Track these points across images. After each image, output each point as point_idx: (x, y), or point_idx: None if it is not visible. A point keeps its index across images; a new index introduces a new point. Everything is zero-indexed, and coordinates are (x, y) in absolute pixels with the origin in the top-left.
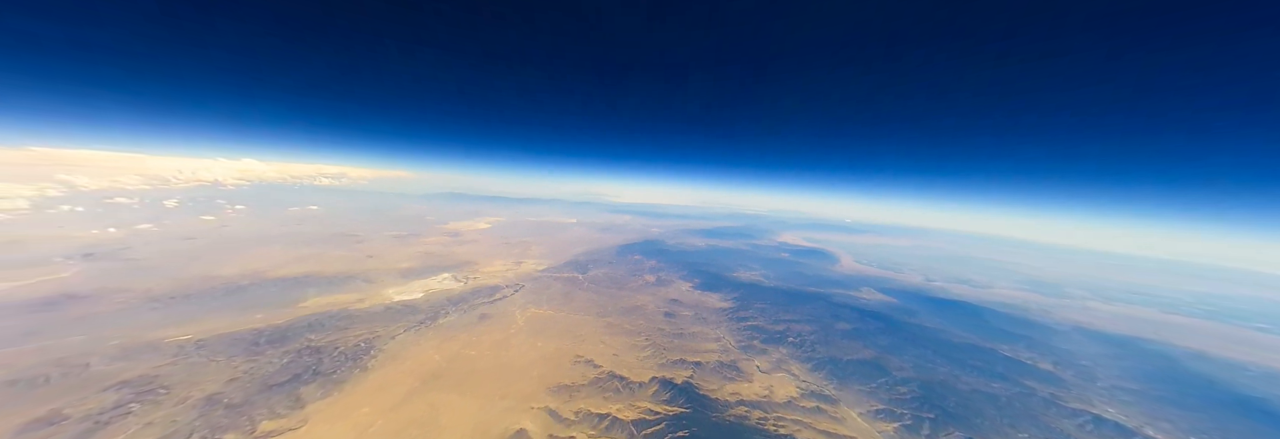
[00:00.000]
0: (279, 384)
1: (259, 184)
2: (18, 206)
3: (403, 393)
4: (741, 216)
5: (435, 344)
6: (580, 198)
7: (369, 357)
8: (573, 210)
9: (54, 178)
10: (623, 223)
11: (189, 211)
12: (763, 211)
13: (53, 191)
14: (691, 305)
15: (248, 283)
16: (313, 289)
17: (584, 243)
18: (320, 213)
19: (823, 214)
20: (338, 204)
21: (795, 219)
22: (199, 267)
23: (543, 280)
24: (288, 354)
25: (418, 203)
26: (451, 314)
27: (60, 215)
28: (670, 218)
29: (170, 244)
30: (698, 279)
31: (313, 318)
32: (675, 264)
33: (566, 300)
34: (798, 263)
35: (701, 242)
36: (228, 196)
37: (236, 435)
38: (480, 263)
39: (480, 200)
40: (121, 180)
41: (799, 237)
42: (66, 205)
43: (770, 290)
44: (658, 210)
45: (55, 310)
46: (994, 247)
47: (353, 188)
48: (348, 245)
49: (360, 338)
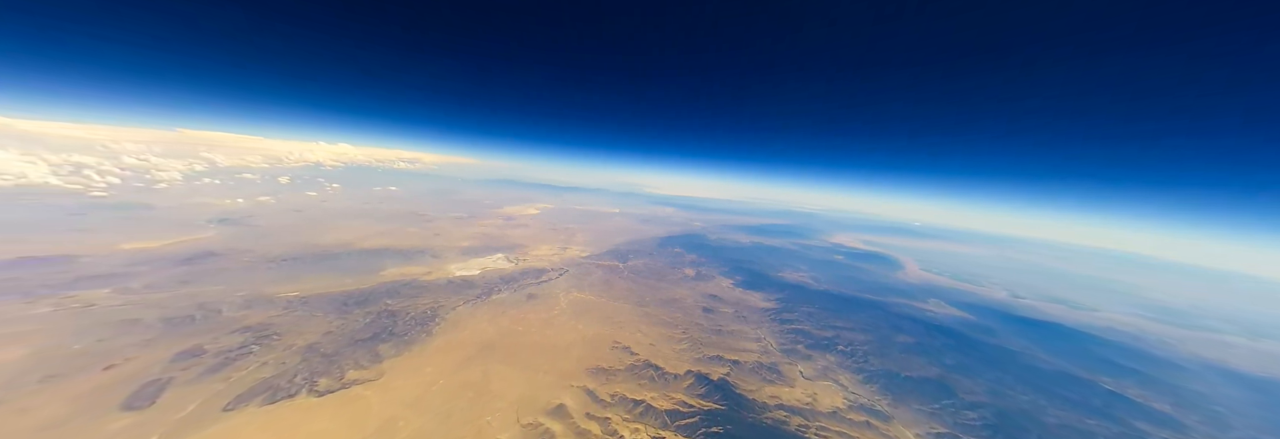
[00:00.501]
0: (362, 340)
1: (351, 165)
2: (173, 178)
3: (461, 358)
4: (792, 214)
5: (489, 318)
6: (624, 188)
7: (434, 323)
8: (616, 200)
9: (199, 156)
10: (664, 215)
11: (298, 187)
12: (816, 210)
13: (198, 167)
14: (732, 303)
15: (340, 251)
16: (390, 260)
17: (625, 233)
18: (398, 193)
19: (885, 215)
20: (412, 186)
21: (852, 219)
22: (304, 235)
23: (585, 266)
24: (370, 315)
25: (477, 187)
26: (503, 292)
27: (203, 187)
28: (714, 212)
29: (283, 215)
30: (740, 277)
31: (390, 285)
32: (716, 259)
33: (607, 287)
34: (853, 267)
35: (745, 238)
36: (326, 176)
37: (329, 380)
38: (529, 246)
39: (532, 187)
40: (248, 159)
41: (856, 239)
42: (208, 178)
43: (819, 294)
44: (701, 204)
45: (198, 264)
46: (1102, 262)
47: (425, 171)
48: (419, 223)
49: (427, 306)
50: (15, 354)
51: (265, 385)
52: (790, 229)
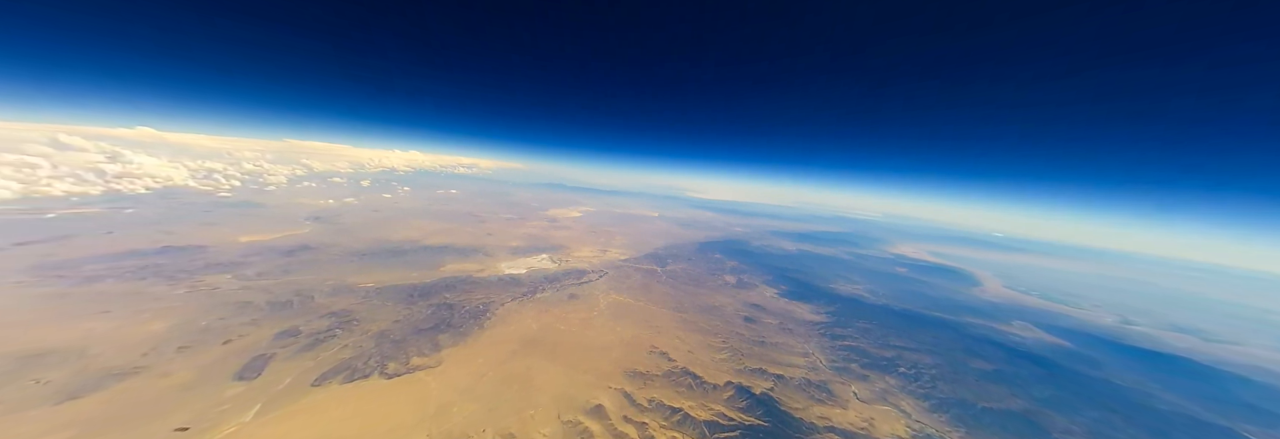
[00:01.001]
0: (425, 329)
1: (419, 170)
2: (280, 181)
3: (508, 352)
4: (844, 221)
5: (534, 315)
6: (664, 192)
7: (485, 317)
8: (656, 204)
9: (300, 162)
10: (705, 219)
11: (376, 190)
12: (873, 217)
13: (299, 172)
14: (776, 313)
15: (408, 247)
16: (449, 256)
17: (665, 236)
18: (457, 195)
19: (958, 223)
20: (469, 188)
21: (918, 228)
22: (380, 232)
23: (624, 269)
24: (431, 306)
25: (526, 190)
26: (547, 291)
27: (302, 189)
28: (756, 217)
29: (364, 214)
30: (784, 286)
31: (449, 280)
32: (759, 267)
33: (645, 291)
34: (918, 281)
35: (791, 245)
36: (399, 180)
37: (396, 365)
38: (571, 248)
39: (575, 190)
40: (338, 165)
41: (922, 249)
42: (306, 182)
43: (877, 308)
44: (742, 208)
45: (297, 256)
46: (1238, 285)
47: (480, 175)
48: (474, 223)
49: (480, 301)
50: (160, 327)
51: (345, 366)
52: (842, 237)
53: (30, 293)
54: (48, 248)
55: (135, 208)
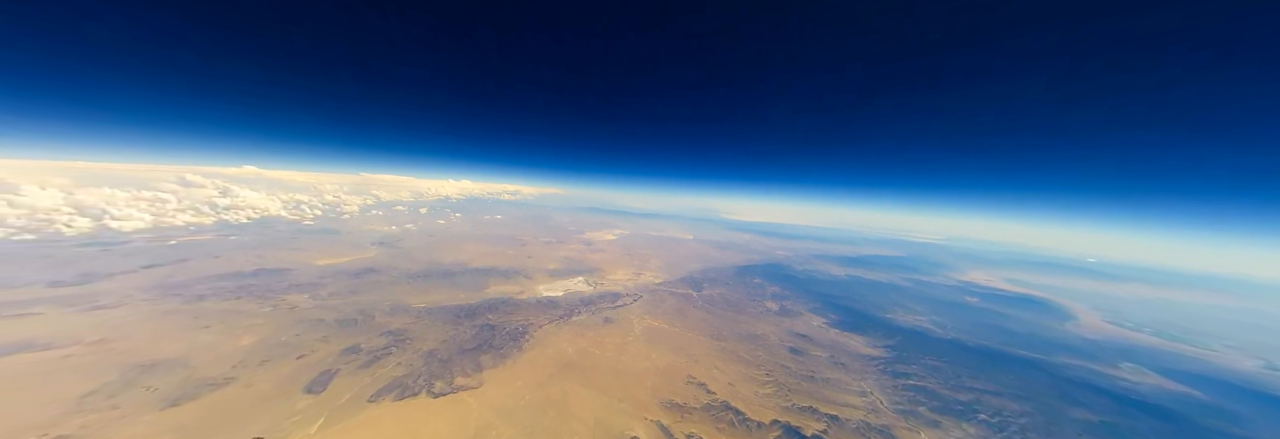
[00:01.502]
0: (469, 350)
1: (469, 197)
2: (353, 210)
3: (545, 375)
4: (899, 244)
5: (570, 338)
6: (699, 214)
7: (524, 339)
8: (690, 226)
9: (370, 193)
10: (742, 241)
11: (432, 216)
12: (932, 239)
13: (369, 201)
14: (826, 345)
15: (457, 270)
16: (493, 278)
17: (700, 259)
18: (502, 220)
19: (1039, 247)
20: (513, 213)
21: (989, 252)
22: (434, 255)
23: (659, 293)
24: (475, 327)
25: (564, 214)
26: (583, 314)
27: (371, 217)
28: (798, 239)
29: (421, 239)
30: (834, 315)
31: (492, 301)
32: (804, 293)
33: (681, 316)
34: (995, 312)
35: (839, 270)
36: (452, 206)
37: (442, 384)
38: (606, 270)
39: (611, 213)
40: (401, 194)
41: (996, 276)
42: (375, 210)
43: (947, 344)
44: (782, 230)
45: (364, 277)
46: None
47: (523, 201)
48: (515, 247)
49: (519, 323)
50: (248, 342)
51: (397, 383)
52: (898, 262)
53: (151, 309)
54: (168, 270)
55: (238, 235)
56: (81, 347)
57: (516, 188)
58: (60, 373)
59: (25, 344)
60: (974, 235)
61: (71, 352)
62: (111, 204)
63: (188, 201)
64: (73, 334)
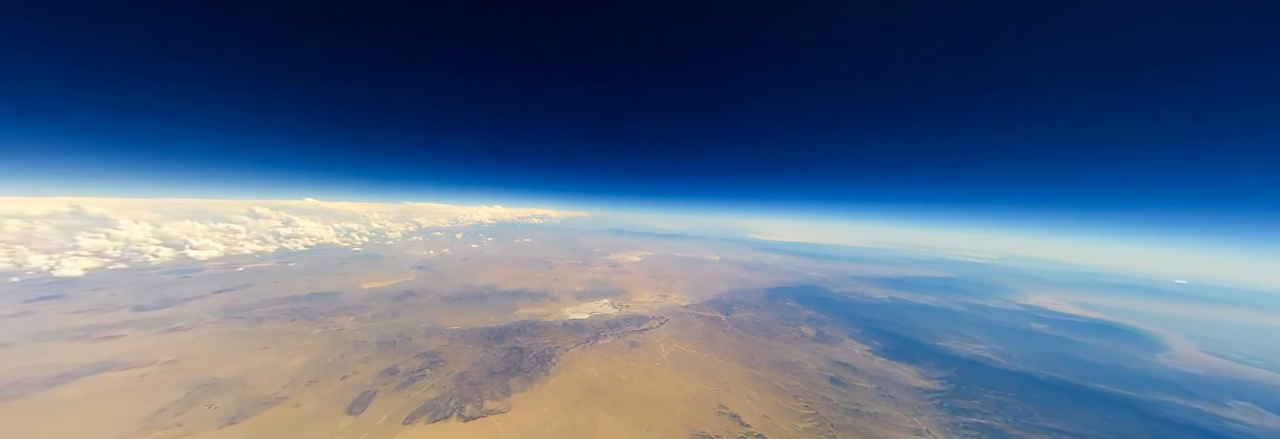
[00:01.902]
0: (497, 373)
1: (501, 222)
2: (396, 237)
3: (572, 400)
4: (949, 264)
5: (595, 362)
6: (724, 234)
7: (551, 363)
8: (716, 247)
9: (412, 220)
10: (772, 262)
11: (467, 241)
12: (986, 259)
13: (411, 228)
14: (871, 375)
15: (488, 292)
16: (521, 300)
17: (728, 281)
18: (531, 243)
19: (1115, 267)
20: (541, 236)
21: (1054, 272)
22: (467, 278)
23: (686, 316)
24: (504, 350)
25: (590, 236)
26: (608, 337)
27: (413, 242)
28: (833, 259)
29: (456, 262)
30: (879, 342)
31: (520, 324)
32: (842, 317)
33: (709, 341)
34: (1068, 341)
35: (881, 293)
36: (485, 231)
37: (472, 407)
38: (632, 292)
39: (635, 235)
40: (440, 220)
41: (1065, 300)
42: (416, 236)
43: (1013, 376)
44: (815, 250)
45: (404, 300)
46: None
47: (551, 224)
48: (543, 269)
49: (546, 346)
50: (298, 362)
51: (430, 405)
52: (949, 284)
53: (218, 331)
54: (234, 295)
55: (296, 261)
56: (156, 366)
57: (545, 211)
58: (137, 390)
59: (110, 363)
60: (1032, 254)
61: (148, 371)
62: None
63: (255, 232)
64: (150, 354)
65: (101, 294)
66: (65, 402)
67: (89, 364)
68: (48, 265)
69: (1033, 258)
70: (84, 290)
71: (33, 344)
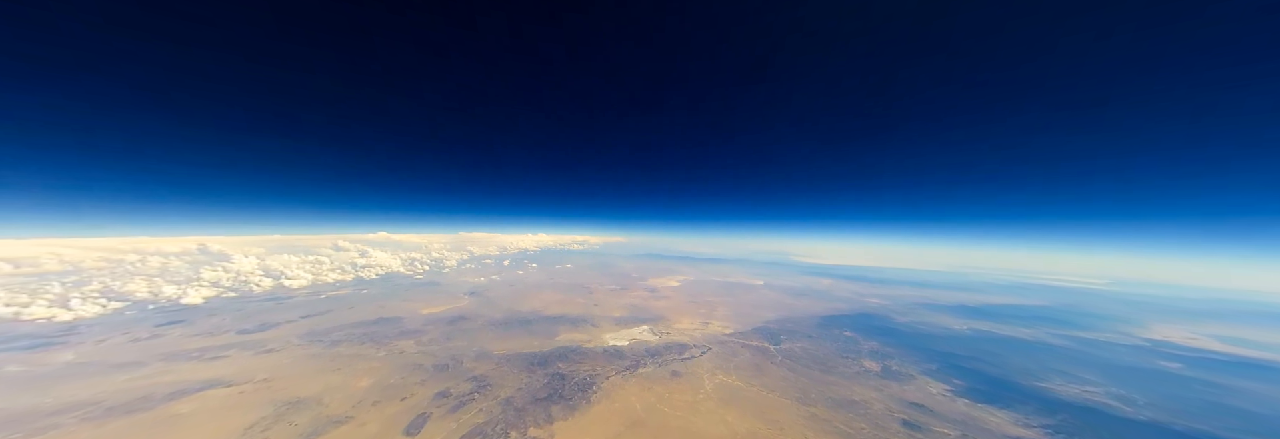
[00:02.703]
0: (541, 399)
1: (544, 249)
2: (452, 264)
3: (613, 432)
4: (1041, 290)
5: (637, 392)
6: (768, 257)
7: (592, 390)
8: (759, 271)
9: (466, 248)
10: (823, 287)
11: (513, 267)
12: (1092, 284)
13: (464, 256)
14: (954, 420)
15: (532, 317)
16: (562, 326)
17: (774, 308)
18: (571, 269)
19: (1267, 292)
20: (581, 262)
21: (1184, 299)
22: (513, 303)
23: (730, 345)
24: (546, 376)
25: (628, 261)
26: (649, 365)
27: (466, 269)
28: (894, 284)
29: (503, 288)
30: (961, 381)
31: (562, 350)
32: (913, 351)
33: (757, 373)
34: (1211, 384)
35: (958, 323)
36: (530, 257)
37: (517, 434)
38: (672, 319)
39: (673, 259)
40: (490, 249)
41: (1203, 332)
42: (469, 264)
43: (1143, 428)
44: (873, 274)
45: (457, 325)
46: None
47: (590, 250)
48: (583, 294)
49: (587, 372)
50: (366, 383)
51: (478, 430)
52: (1044, 313)
53: (302, 353)
54: (316, 320)
55: (369, 289)
56: (252, 384)
57: (584, 238)
58: (235, 406)
59: (216, 381)
60: (1150, 278)
61: (245, 388)
62: (287, 267)
63: (337, 262)
64: (248, 373)
65: (214, 319)
66: (179, 415)
67: (200, 381)
68: (176, 295)
69: (1153, 282)
70: (201, 316)
71: (159, 363)
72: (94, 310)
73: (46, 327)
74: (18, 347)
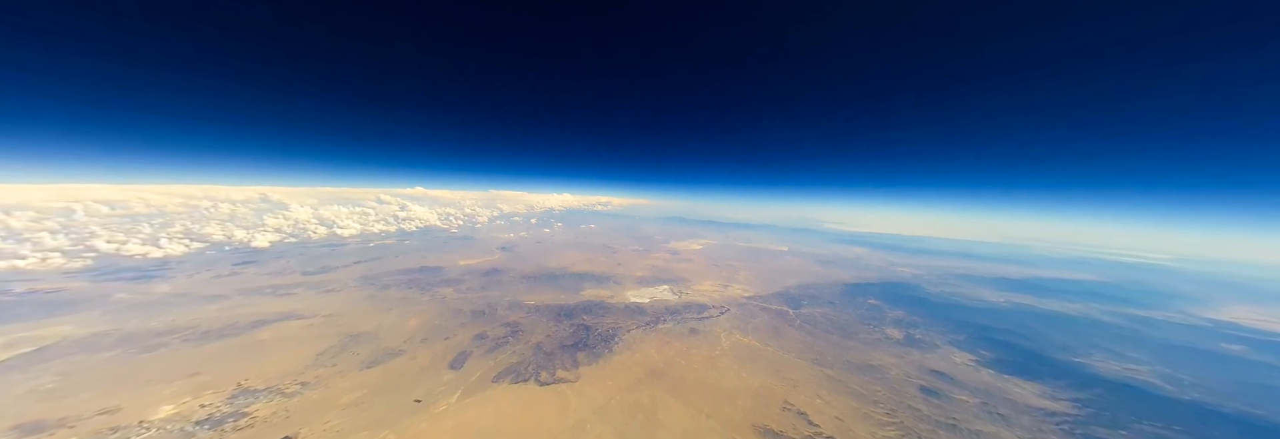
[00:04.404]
0: (568, 346)
1: (569, 209)
2: (484, 221)
3: (634, 379)
4: (1101, 265)
5: (656, 346)
6: (795, 224)
7: (614, 342)
8: (785, 237)
9: (496, 206)
10: (852, 256)
11: (541, 226)
12: (1159, 259)
13: (495, 213)
14: (976, 389)
15: (559, 273)
16: (587, 282)
17: (797, 274)
18: (596, 229)
19: None
20: (606, 223)
21: (1263, 278)
22: (542, 260)
23: (749, 308)
24: (573, 326)
25: (652, 224)
26: (668, 322)
27: (498, 226)
28: (932, 255)
29: (532, 245)
30: (990, 352)
31: (587, 304)
32: (942, 321)
33: (774, 335)
34: (1277, 370)
35: (995, 295)
36: (556, 217)
37: (546, 374)
38: (692, 280)
39: (697, 224)
40: (519, 207)
41: (1276, 315)
42: (499, 221)
43: (1185, 407)
44: (911, 244)
45: (491, 277)
46: None
47: (614, 212)
48: (607, 254)
49: (610, 326)
50: (415, 323)
51: (512, 369)
52: (1099, 289)
53: (358, 294)
54: (367, 266)
55: (411, 240)
56: (319, 318)
57: (608, 199)
58: (306, 337)
59: (289, 314)
60: (1224, 257)
61: (314, 322)
62: (338, 217)
63: (380, 215)
64: (315, 308)
65: (281, 261)
66: (262, 341)
67: (276, 314)
68: (246, 238)
69: (1223, 261)
70: (270, 258)
71: (239, 296)
72: (180, 249)
73: (144, 261)
74: (124, 278)
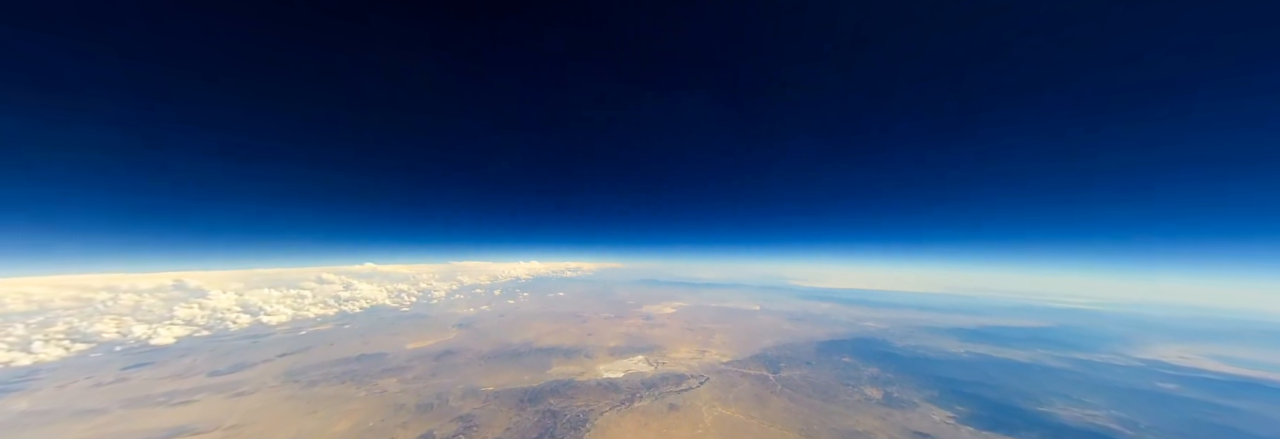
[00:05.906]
0: None
1: (536, 277)
2: (441, 295)
3: None
4: (1041, 311)
5: (633, 428)
6: (764, 281)
7: (585, 428)
8: (756, 295)
9: (455, 278)
10: (820, 312)
11: (505, 297)
12: (1082, 304)
13: (454, 286)
14: None
15: (523, 350)
16: (555, 358)
17: (772, 334)
18: (565, 297)
19: (1263, 310)
20: (575, 290)
21: (1176, 318)
22: (504, 335)
23: (728, 375)
24: (537, 413)
25: (624, 288)
26: (645, 398)
27: (456, 300)
28: (892, 308)
29: (494, 319)
30: (965, 407)
31: (554, 384)
32: (914, 376)
33: (758, 404)
34: (1211, 405)
35: (957, 346)
36: (521, 286)
37: None
38: (667, 348)
39: (670, 285)
40: (480, 278)
41: (1198, 352)
42: (458, 294)
43: None
44: (871, 298)
45: (443, 360)
46: None
47: (584, 277)
48: (577, 323)
49: (580, 408)
50: (343, 427)
51: None
52: (1043, 334)
53: (276, 395)
54: (295, 358)
55: (352, 323)
56: (220, 432)
57: (578, 264)
58: None
59: (182, 429)
60: (1143, 298)
61: (212, 436)
62: (266, 302)
63: (320, 296)
64: (217, 419)
65: (185, 360)
66: None
67: (165, 430)
68: (147, 334)
69: (1143, 302)
70: (172, 357)
71: (122, 410)
72: (57, 353)
73: (3, 372)
74: None
